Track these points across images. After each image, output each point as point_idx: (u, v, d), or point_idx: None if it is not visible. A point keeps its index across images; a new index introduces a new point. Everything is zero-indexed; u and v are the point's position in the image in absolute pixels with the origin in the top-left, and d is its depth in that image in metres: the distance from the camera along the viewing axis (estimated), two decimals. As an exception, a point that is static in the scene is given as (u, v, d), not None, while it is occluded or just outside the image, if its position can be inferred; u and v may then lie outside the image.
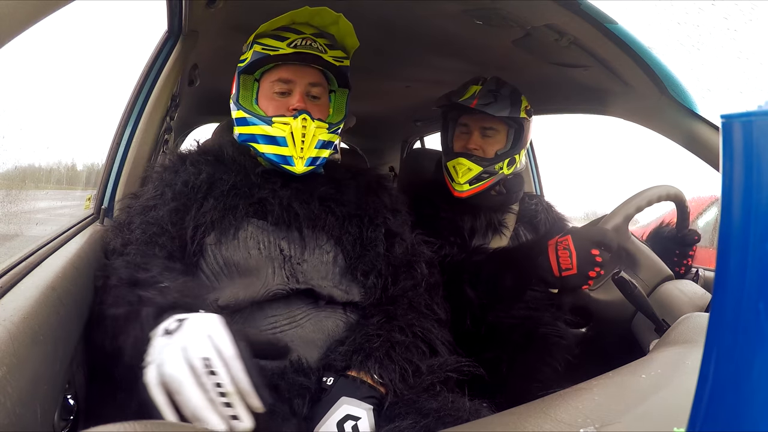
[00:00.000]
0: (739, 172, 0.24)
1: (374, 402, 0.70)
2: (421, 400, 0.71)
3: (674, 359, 0.62)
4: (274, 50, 0.83)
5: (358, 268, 0.84)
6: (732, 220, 0.24)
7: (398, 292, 0.84)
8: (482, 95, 1.12)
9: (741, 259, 0.24)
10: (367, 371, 0.72)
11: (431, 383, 0.75)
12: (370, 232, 0.86)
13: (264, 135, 0.82)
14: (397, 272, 0.87)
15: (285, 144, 0.81)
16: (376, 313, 0.81)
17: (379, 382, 0.72)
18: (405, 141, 2.53)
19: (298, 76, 0.85)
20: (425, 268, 0.90)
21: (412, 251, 0.91)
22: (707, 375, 0.26)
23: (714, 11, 0.78)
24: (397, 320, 0.80)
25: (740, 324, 0.24)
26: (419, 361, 0.77)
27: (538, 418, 0.47)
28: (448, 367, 0.78)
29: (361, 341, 0.76)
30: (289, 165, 0.82)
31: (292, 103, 0.84)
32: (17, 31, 0.42)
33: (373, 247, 0.85)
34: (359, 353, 0.74)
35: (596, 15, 0.92)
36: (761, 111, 0.23)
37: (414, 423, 0.65)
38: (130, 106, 1.10)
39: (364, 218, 0.87)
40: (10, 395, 0.42)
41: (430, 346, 0.81)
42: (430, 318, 0.85)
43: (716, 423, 0.25)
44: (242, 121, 0.85)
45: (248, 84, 0.88)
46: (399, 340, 0.77)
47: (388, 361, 0.74)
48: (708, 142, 1.06)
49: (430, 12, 1.05)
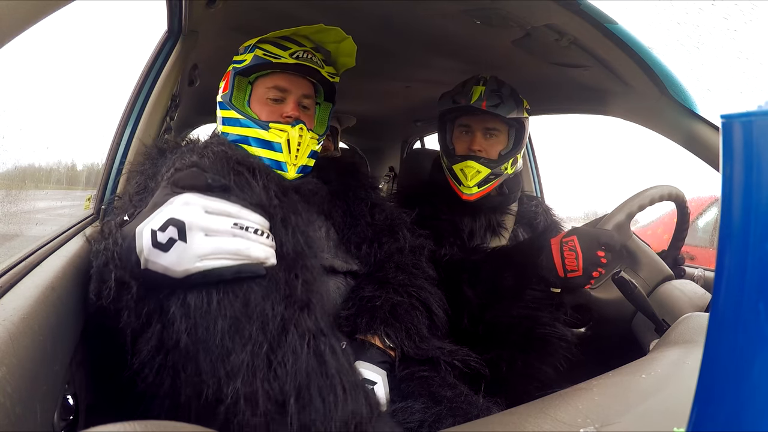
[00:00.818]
0: (739, 172, 0.24)
1: (386, 367, 0.73)
2: (435, 382, 0.72)
3: (674, 359, 0.62)
4: (277, 58, 0.85)
5: (351, 240, 0.89)
6: (732, 220, 0.24)
7: (384, 257, 0.88)
8: (489, 96, 1.11)
9: (741, 259, 0.24)
10: (373, 333, 0.75)
11: (437, 357, 0.77)
12: (355, 205, 0.92)
13: (258, 138, 0.84)
14: (381, 237, 0.91)
15: (280, 150, 0.83)
16: (368, 282, 0.85)
17: (389, 346, 0.75)
18: (405, 141, 2.53)
19: (294, 85, 0.88)
20: (407, 232, 0.95)
21: (392, 217, 0.96)
22: (707, 375, 0.26)
23: (714, 11, 0.78)
24: (390, 283, 0.83)
25: (740, 324, 0.24)
26: (420, 323, 0.80)
27: (538, 418, 0.47)
28: (458, 356, 0.80)
29: (361, 304, 0.79)
30: (282, 170, 0.84)
31: (286, 110, 0.86)
32: (17, 31, 0.42)
33: (362, 217, 0.91)
34: (363, 316, 0.77)
35: (596, 15, 0.92)
36: (761, 111, 0.23)
37: (426, 407, 0.67)
38: (130, 106, 1.10)
39: (349, 193, 0.93)
40: (9, 395, 0.42)
41: (426, 306, 0.84)
42: (420, 276, 0.88)
43: (716, 423, 0.25)
44: (234, 121, 0.86)
45: (242, 86, 0.89)
46: (398, 300, 0.80)
47: (392, 320, 0.77)
48: (708, 142, 1.06)
49: (430, 12, 1.05)
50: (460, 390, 0.75)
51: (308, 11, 1.07)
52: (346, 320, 0.77)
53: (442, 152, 1.21)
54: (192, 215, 0.53)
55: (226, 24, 1.13)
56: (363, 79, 1.60)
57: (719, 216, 0.25)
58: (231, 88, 0.88)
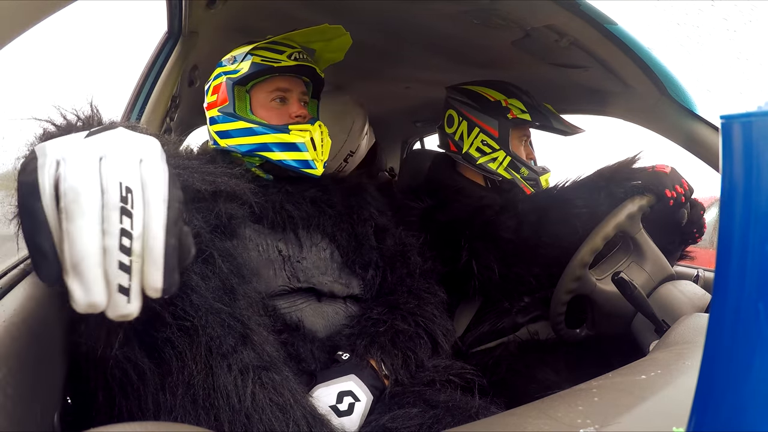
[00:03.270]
0: (739, 172, 0.24)
1: (376, 393, 0.72)
2: (428, 392, 0.72)
3: (674, 359, 0.62)
4: (277, 62, 0.85)
5: (356, 262, 0.88)
6: (732, 220, 0.24)
7: (396, 280, 0.89)
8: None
9: (741, 260, 0.24)
10: (371, 358, 0.74)
11: (432, 379, 0.77)
12: (360, 227, 0.91)
13: (280, 143, 0.83)
14: (393, 262, 0.91)
15: (305, 149, 0.84)
16: (378, 304, 0.84)
17: (384, 374, 0.74)
18: (405, 142, 2.53)
19: (293, 85, 0.90)
20: (417, 257, 0.96)
21: (402, 242, 0.96)
22: (707, 375, 0.26)
23: (714, 12, 0.78)
24: (400, 309, 0.83)
25: (740, 324, 0.24)
26: (422, 353, 0.80)
27: (538, 418, 0.47)
28: (453, 371, 0.80)
29: (365, 325, 0.79)
30: (311, 168, 0.85)
31: (293, 111, 0.87)
32: (18, 32, 0.43)
33: (366, 240, 0.90)
34: (363, 338, 0.77)
35: (596, 16, 0.92)
36: (761, 111, 0.23)
37: (423, 411, 0.67)
38: (130, 107, 1.10)
39: (353, 215, 0.92)
40: (10, 396, 0.42)
41: (432, 337, 0.84)
42: (431, 301, 0.88)
43: (716, 423, 0.25)
44: (246, 131, 0.85)
45: (242, 95, 0.89)
46: (402, 328, 0.80)
47: (391, 347, 0.76)
48: (708, 142, 1.06)
49: (429, 13, 1.05)
50: (452, 392, 0.75)
51: (308, 12, 1.07)
52: (347, 339, 0.77)
53: (513, 158, 1.18)
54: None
55: (226, 25, 1.13)
56: (362, 79, 1.60)
57: (719, 216, 0.25)
58: (232, 99, 0.87)
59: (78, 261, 0.33)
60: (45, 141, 0.37)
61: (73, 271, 0.33)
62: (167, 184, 0.36)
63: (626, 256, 1.02)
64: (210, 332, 0.53)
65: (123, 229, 0.34)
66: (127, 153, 0.35)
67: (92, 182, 0.33)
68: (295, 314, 0.77)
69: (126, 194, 0.34)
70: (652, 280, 1.00)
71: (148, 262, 0.35)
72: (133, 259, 0.34)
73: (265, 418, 0.53)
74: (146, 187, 0.35)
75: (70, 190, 0.33)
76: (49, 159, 0.34)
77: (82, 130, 0.41)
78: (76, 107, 0.51)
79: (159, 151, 0.38)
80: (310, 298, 0.81)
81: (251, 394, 0.53)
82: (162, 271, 0.35)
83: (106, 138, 0.36)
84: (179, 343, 0.51)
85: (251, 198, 0.71)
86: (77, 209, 0.33)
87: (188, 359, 0.51)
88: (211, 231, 0.61)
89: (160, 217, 0.35)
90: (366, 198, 0.98)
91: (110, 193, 0.33)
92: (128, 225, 0.34)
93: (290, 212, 0.84)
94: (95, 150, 0.35)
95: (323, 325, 0.79)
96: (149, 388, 0.49)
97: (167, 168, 0.37)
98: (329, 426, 0.61)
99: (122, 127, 0.39)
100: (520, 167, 1.17)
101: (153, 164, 0.36)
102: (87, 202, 0.33)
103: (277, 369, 0.58)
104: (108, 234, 0.33)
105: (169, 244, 0.35)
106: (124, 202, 0.34)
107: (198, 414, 0.50)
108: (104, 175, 0.34)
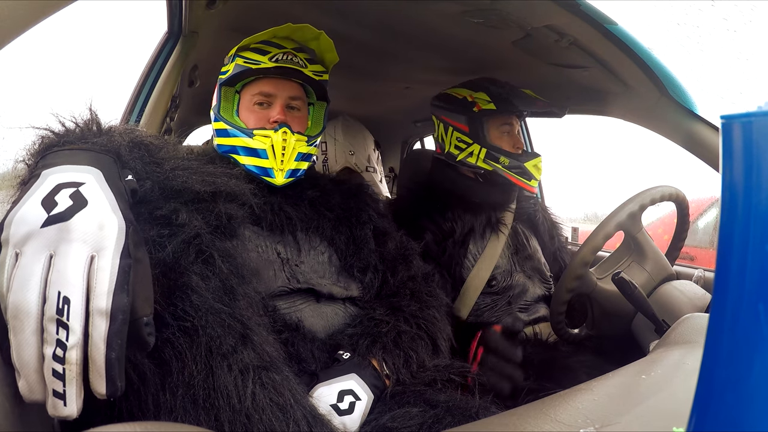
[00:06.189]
0: (739, 172, 0.24)
1: (377, 393, 0.72)
2: (428, 392, 0.73)
3: (674, 359, 0.62)
4: (256, 64, 0.85)
5: (354, 265, 0.88)
6: (732, 221, 0.24)
7: (398, 284, 0.89)
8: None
9: (741, 260, 0.24)
10: (373, 356, 0.75)
11: (434, 379, 0.77)
12: (359, 230, 0.91)
13: (245, 147, 0.84)
14: (395, 265, 0.91)
15: (266, 156, 0.83)
16: (381, 305, 0.85)
17: (386, 374, 0.75)
18: (405, 142, 2.53)
19: (279, 89, 0.88)
20: (419, 260, 0.96)
21: (403, 246, 0.96)
22: (707, 375, 0.26)
23: (714, 12, 0.78)
24: (402, 311, 0.83)
25: (740, 325, 0.24)
26: (423, 353, 0.80)
27: (538, 418, 0.47)
28: (453, 370, 0.80)
29: (368, 326, 0.79)
30: (270, 177, 0.83)
31: (273, 115, 0.86)
32: (18, 32, 0.43)
33: (365, 244, 0.90)
34: (365, 338, 0.77)
35: (596, 16, 0.92)
36: (761, 111, 0.23)
37: (423, 411, 0.67)
38: (130, 107, 1.10)
39: (352, 218, 0.92)
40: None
41: (433, 340, 0.84)
42: (433, 305, 0.89)
43: (716, 423, 0.25)
44: (223, 132, 0.86)
45: (229, 96, 0.89)
46: (405, 329, 0.80)
47: (393, 347, 0.77)
48: (708, 142, 1.06)
49: (429, 13, 1.05)
50: (452, 392, 0.75)
51: (308, 12, 1.07)
52: (349, 338, 0.77)
53: (491, 150, 1.19)
54: None
55: (226, 25, 1.14)
56: (362, 80, 1.60)
57: (719, 217, 0.25)
58: (219, 100, 0.89)
59: (20, 366, 0.37)
60: (43, 149, 0.42)
61: (19, 371, 0.37)
62: (112, 292, 0.38)
63: (627, 256, 1.02)
64: (210, 332, 0.53)
65: (59, 339, 0.36)
66: (77, 252, 0.37)
67: (32, 297, 0.36)
68: (294, 314, 0.77)
69: (63, 305, 0.36)
70: (653, 280, 1.00)
71: (93, 370, 0.38)
72: (67, 368, 0.36)
73: (265, 418, 0.53)
74: (91, 294, 0.37)
75: (12, 306, 0.36)
76: (11, 250, 0.37)
77: (80, 135, 0.46)
78: (74, 113, 0.54)
79: (115, 242, 0.39)
80: (309, 298, 0.81)
81: (251, 394, 0.53)
82: (104, 379, 0.38)
83: (62, 231, 0.38)
84: (179, 343, 0.51)
85: (251, 199, 0.72)
86: (18, 325, 0.36)
87: (188, 359, 0.51)
88: (211, 231, 0.62)
89: (101, 329, 0.37)
90: (365, 200, 0.98)
91: (49, 304, 0.36)
92: (64, 336, 0.36)
93: (289, 214, 0.84)
94: (48, 245, 0.37)
95: (322, 326, 0.79)
96: (149, 388, 0.49)
97: (122, 262, 0.39)
98: (329, 426, 0.61)
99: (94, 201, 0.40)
100: (499, 157, 1.17)
101: (103, 263, 0.38)
102: (26, 319, 0.36)
103: (277, 369, 0.58)
104: (46, 343, 0.36)
105: (109, 357, 0.37)
106: (60, 314, 0.36)
107: (198, 414, 0.51)
108: (49, 281, 0.37)
